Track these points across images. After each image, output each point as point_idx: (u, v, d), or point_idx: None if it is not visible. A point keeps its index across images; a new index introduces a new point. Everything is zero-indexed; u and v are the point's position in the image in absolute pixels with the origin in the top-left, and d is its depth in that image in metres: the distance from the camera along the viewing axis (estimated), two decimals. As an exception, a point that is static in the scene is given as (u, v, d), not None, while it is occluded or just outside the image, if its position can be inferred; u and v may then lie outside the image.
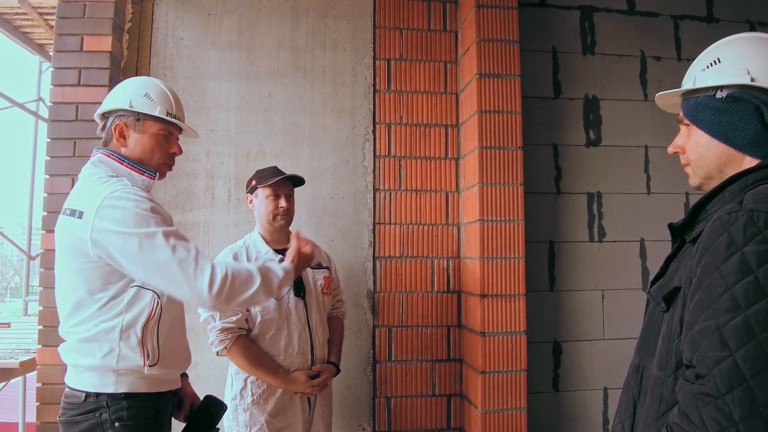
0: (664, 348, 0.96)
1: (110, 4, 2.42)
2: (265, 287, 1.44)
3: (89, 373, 1.42)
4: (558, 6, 2.76)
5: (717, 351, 0.81)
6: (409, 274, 2.58)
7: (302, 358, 2.01)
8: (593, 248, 2.68)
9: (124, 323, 1.40)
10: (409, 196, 2.62)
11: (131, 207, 1.36)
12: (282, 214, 2.07)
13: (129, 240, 1.34)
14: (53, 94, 2.39)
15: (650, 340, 1.02)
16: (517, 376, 2.32)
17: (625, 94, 2.77)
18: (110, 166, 1.49)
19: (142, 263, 1.35)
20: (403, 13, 2.70)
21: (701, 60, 1.06)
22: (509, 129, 2.42)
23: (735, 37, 1.03)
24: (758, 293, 0.80)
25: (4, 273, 28.63)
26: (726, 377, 0.79)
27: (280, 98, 2.62)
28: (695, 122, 1.04)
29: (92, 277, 1.40)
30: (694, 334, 0.86)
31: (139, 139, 1.53)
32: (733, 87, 0.98)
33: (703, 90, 1.03)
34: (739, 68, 0.98)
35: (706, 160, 1.03)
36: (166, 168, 1.61)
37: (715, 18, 2.87)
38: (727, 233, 0.86)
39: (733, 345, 0.80)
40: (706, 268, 0.87)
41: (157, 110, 1.53)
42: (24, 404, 4.68)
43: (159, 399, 1.48)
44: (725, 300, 0.82)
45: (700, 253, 0.90)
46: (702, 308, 0.85)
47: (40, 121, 5.48)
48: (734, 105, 0.98)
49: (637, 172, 2.74)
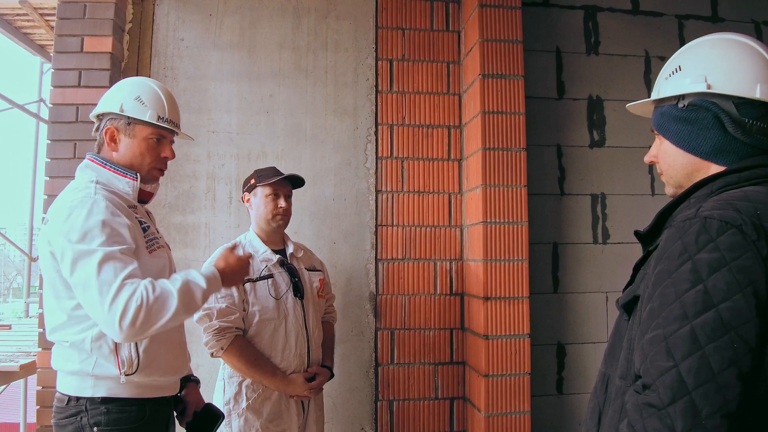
0: (624, 357, 0.95)
1: (111, 4, 2.40)
2: (184, 306, 1.34)
3: (70, 377, 1.41)
4: (561, 6, 2.74)
5: (662, 361, 0.80)
6: (412, 277, 2.57)
7: (299, 359, 1.99)
8: (597, 250, 2.66)
9: (94, 334, 1.38)
10: (412, 197, 2.60)
11: (81, 218, 1.33)
12: (281, 215, 2.05)
13: (67, 251, 1.32)
14: (53, 95, 2.37)
15: (615, 349, 1.01)
16: (520, 380, 2.30)
17: (630, 95, 2.74)
18: (96, 171, 1.48)
19: (72, 277, 1.32)
20: (406, 13, 2.68)
21: (666, 67, 1.05)
22: (512, 130, 2.40)
23: (697, 41, 1.02)
24: (706, 303, 0.78)
25: (7, 273, 28.68)
26: (669, 388, 0.78)
27: (282, 99, 2.60)
28: (661, 132, 1.04)
29: (58, 285, 1.39)
30: (644, 344, 0.84)
31: (130, 143, 1.51)
32: (694, 95, 0.97)
33: (668, 99, 1.02)
34: (698, 75, 0.96)
35: (675, 170, 1.03)
36: (158, 173, 1.58)
37: (720, 18, 2.85)
38: (681, 241, 0.84)
39: (678, 355, 0.78)
40: (660, 275, 0.86)
41: (148, 114, 1.51)
42: (25, 405, 4.66)
43: (145, 405, 1.44)
44: (674, 309, 0.81)
45: (656, 260, 0.89)
46: (653, 317, 0.84)
47: (41, 123, 5.48)
48: (694, 113, 0.97)
49: (641, 173, 2.72)
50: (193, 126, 2.51)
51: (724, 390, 0.75)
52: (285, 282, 2.02)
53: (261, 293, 1.96)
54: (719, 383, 0.75)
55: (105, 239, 1.32)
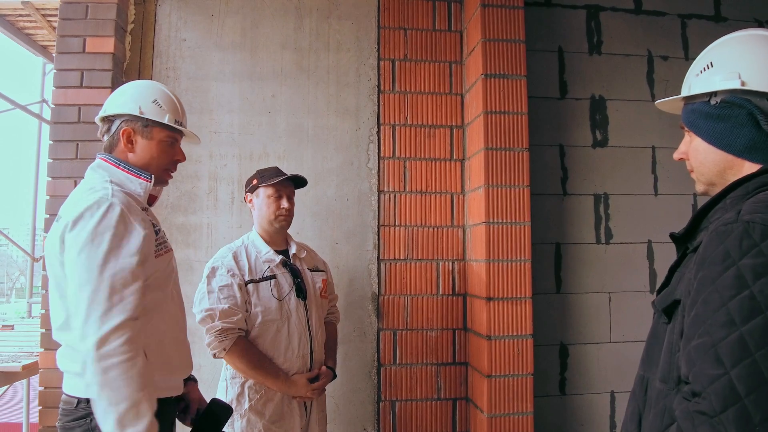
0: (666, 361, 0.94)
1: (113, 5, 2.40)
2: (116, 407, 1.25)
3: (77, 378, 1.39)
4: (564, 5, 2.74)
5: (712, 369, 0.79)
6: (414, 277, 2.56)
7: (302, 360, 1.98)
8: (600, 250, 2.65)
9: None
10: (414, 197, 2.60)
11: (95, 220, 1.32)
12: (284, 216, 2.04)
13: (73, 251, 1.32)
14: (55, 95, 2.37)
15: (654, 351, 1.00)
16: (523, 380, 2.29)
17: (632, 94, 2.74)
18: (108, 171, 1.49)
19: (72, 273, 1.32)
20: (408, 13, 2.67)
21: (696, 64, 1.03)
22: (515, 130, 2.40)
23: (728, 37, 1.01)
24: (754, 309, 0.78)
25: (10, 274, 28.75)
26: (721, 396, 0.77)
27: (284, 99, 2.60)
28: (693, 129, 1.03)
29: (63, 283, 1.38)
30: (690, 351, 0.84)
31: (147, 145, 1.53)
32: (726, 92, 0.95)
33: (698, 96, 1.00)
34: (730, 72, 0.95)
35: (706, 167, 1.01)
36: (168, 176, 1.61)
37: (722, 17, 2.84)
38: (723, 246, 0.83)
39: (729, 363, 0.78)
40: (703, 281, 0.85)
41: (166, 118, 1.54)
42: (28, 406, 4.67)
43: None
44: (721, 316, 0.80)
45: (698, 265, 0.88)
46: (698, 323, 0.83)
47: (43, 123, 5.48)
48: (728, 111, 0.96)
49: (644, 173, 2.71)
50: (195, 126, 2.50)
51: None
52: (288, 283, 2.01)
53: (264, 294, 1.96)
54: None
55: (116, 246, 1.32)
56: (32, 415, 4.54)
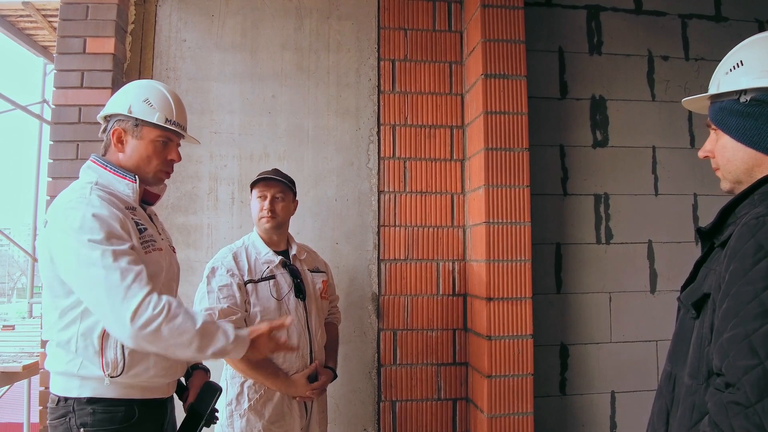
0: (695, 356, 0.94)
1: (113, 5, 2.40)
2: (200, 341, 1.32)
3: (59, 377, 1.42)
4: (564, 5, 2.73)
5: (746, 359, 0.80)
6: (414, 277, 2.56)
7: (301, 361, 1.98)
8: (600, 250, 2.65)
9: (80, 333, 1.38)
10: (414, 198, 2.60)
11: (78, 217, 1.33)
12: (266, 217, 2.01)
13: (68, 252, 1.33)
14: (56, 96, 2.38)
15: (681, 347, 1.00)
16: (523, 380, 2.29)
17: (633, 95, 2.73)
18: (97, 172, 1.49)
19: (77, 278, 1.33)
20: (408, 14, 2.67)
21: (725, 63, 1.04)
22: (515, 130, 2.40)
23: (758, 36, 1.01)
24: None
25: (11, 274, 28.78)
26: (756, 386, 0.77)
27: (284, 100, 2.60)
28: (721, 127, 1.03)
29: (54, 284, 1.39)
30: (723, 342, 0.84)
31: (137, 145, 1.51)
32: (756, 90, 0.96)
33: (727, 94, 1.01)
34: (761, 70, 0.95)
35: (734, 165, 1.02)
36: (164, 175, 1.58)
37: (723, 17, 2.84)
38: (755, 239, 0.84)
39: (763, 353, 0.78)
40: (734, 274, 0.85)
41: (156, 117, 1.51)
42: (28, 406, 4.68)
43: (133, 405, 1.42)
44: (754, 307, 0.81)
45: (728, 258, 0.88)
46: (731, 315, 0.84)
47: (44, 124, 5.49)
48: (758, 108, 0.96)
49: (644, 173, 2.71)
50: (195, 127, 2.51)
51: None
52: (287, 283, 2.01)
53: (263, 294, 1.96)
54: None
55: (109, 238, 1.32)
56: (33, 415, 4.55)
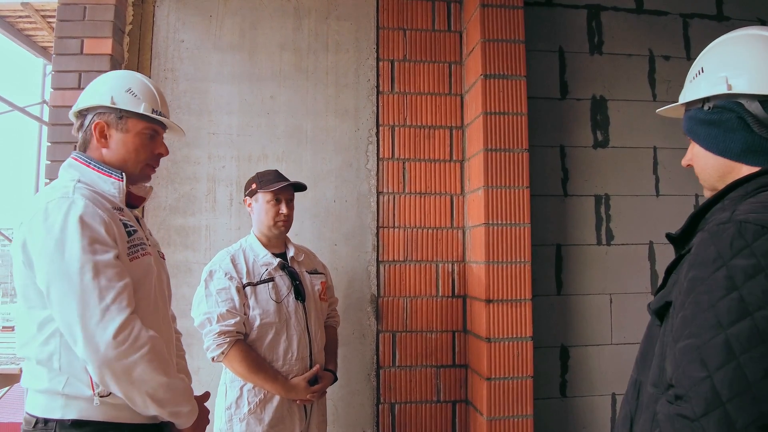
0: (657, 364, 0.92)
1: (110, 6, 2.39)
2: (164, 394, 1.24)
3: (39, 396, 1.26)
4: (565, 5, 2.72)
5: (696, 371, 0.77)
6: (413, 279, 2.55)
7: (301, 363, 1.97)
8: (601, 251, 2.63)
9: (63, 346, 1.23)
10: (413, 199, 2.58)
11: (59, 220, 1.21)
12: (283, 221, 2.03)
13: (43, 257, 1.20)
14: (53, 97, 2.37)
15: (648, 355, 0.98)
16: (523, 383, 2.28)
17: (634, 95, 2.72)
18: (79, 171, 1.36)
19: (48, 287, 1.20)
20: (407, 14, 2.66)
21: (691, 70, 1.03)
22: (515, 131, 2.38)
23: (721, 39, 0.99)
24: (741, 311, 0.75)
25: (12, 274, 28.79)
26: (703, 399, 0.75)
27: (283, 100, 2.59)
28: (691, 136, 1.02)
29: (30, 293, 1.25)
30: (676, 352, 0.82)
31: (122, 139, 1.38)
32: (716, 97, 0.95)
33: (695, 102, 1.00)
34: (718, 77, 0.94)
35: (707, 173, 1.01)
36: (150, 170, 1.47)
37: (725, 16, 2.82)
38: (714, 246, 0.81)
39: (712, 366, 0.76)
40: (693, 282, 0.83)
41: (142, 107, 1.39)
42: (29, 407, 4.67)
43: (122, 430, 1.27)
44: (708, 317, 0.78)
45: (689, 265, 0.86)
46: (686, 325, 0.82)
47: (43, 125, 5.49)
48: (719, 116, 0.95)
49: (645, 174, 2.69)
50: (193, 128, 2.50)
51: (759, 402, 0.73)
52: (286, 285, 2.00)
53: (261, 297, 1.95)
54: (755, 395, 0.73)
55: (89, 242, 1.20)
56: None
